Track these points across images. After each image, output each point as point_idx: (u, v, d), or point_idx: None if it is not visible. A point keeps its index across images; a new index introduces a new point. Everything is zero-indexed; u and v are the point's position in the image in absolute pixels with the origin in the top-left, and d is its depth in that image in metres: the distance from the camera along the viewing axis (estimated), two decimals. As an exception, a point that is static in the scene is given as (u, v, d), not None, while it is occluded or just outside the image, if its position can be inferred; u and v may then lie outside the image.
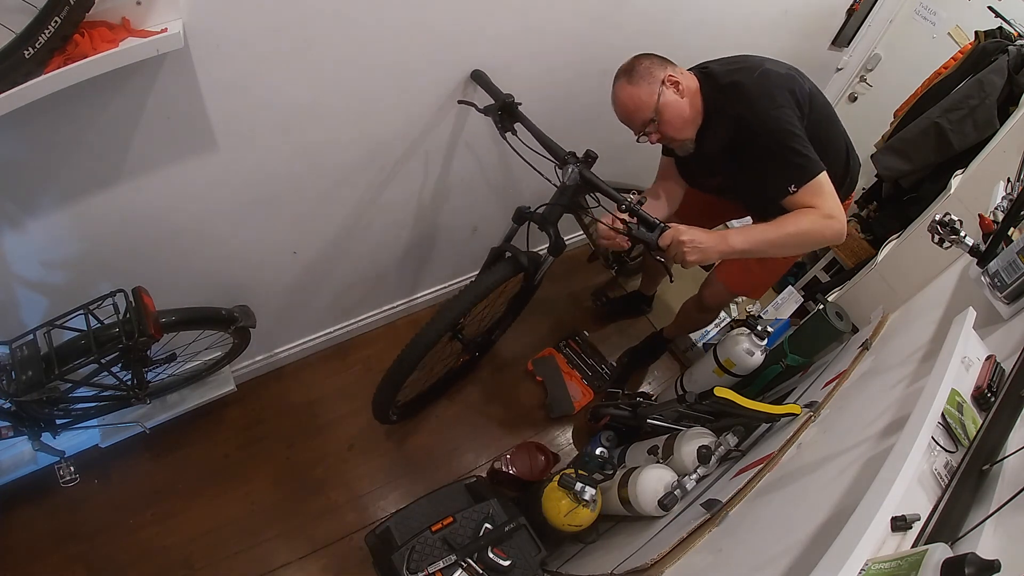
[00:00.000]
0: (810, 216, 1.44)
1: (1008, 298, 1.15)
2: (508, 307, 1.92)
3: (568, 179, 1.55)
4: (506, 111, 1.58)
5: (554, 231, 1.65)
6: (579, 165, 1.54)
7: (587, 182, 1.55)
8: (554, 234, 1.65)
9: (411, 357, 1.64)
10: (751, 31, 2.25)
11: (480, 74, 1.60)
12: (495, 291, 1.72)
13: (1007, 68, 2.01)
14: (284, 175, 1.55)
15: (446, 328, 1.67)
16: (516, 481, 2.01)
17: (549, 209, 1.63)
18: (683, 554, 1.19)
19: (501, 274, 1.67)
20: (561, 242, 1.68)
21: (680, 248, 1.43)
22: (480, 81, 1.61)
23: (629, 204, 1.48)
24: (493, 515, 1.51)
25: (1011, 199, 1.27)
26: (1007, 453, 0.84)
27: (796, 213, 1.45)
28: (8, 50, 0.91)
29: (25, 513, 1.76)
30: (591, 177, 1.55)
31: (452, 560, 1.39)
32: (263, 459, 2.00)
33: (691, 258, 1.43)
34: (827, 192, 1.45)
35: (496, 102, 1.57)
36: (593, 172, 1.56)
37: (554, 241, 1.67)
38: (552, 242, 1.68)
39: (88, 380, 1.43)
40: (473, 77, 1.61)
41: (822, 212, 1.44)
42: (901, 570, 0.66)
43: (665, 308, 2.70)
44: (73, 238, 1.37)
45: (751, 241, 1.47)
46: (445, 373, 2.16)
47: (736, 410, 1.53)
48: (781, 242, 1.46)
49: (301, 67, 1.34)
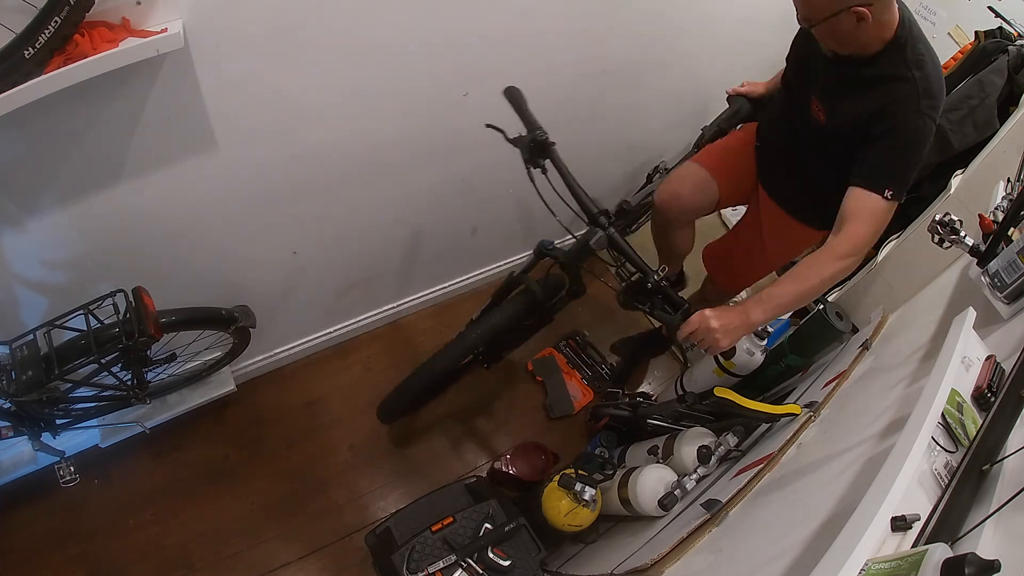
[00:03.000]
0: (834, 264, 1.30)
1: (1008, 298, 1.15)
2: (518, 330, 1.89)
3: (595, 243, 1.41)
4: (538, 148, 1.42)
5: (576, 277, 1.61)
6: (609, 230, 1.41)
7: (615, 246, 1.42)
8: (576, 280, 1.62)
9: (431, 372, 1.68)
10: (751, 31, 2.25)
11: (514, 93, 1.45)
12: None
13: (1007, 68, 2.01)
14: (284, 175, 1.55)
15: (470, 349, 1.68)
16: (516, 481, 2.01)
17: (573, 258, 1.55)
18: (683, 554, 1.19)
19: (517, 309, 1.66)
20: (581, 286, 1.65)
21: (711, 335, 1.30)
22: (513, 101, 1.45)
23: (657, 279, 1.38)
24: (493, 515, 1.51)
25: (1011, 199, 1.26)
26: (1007, 453, 0.84)
27: (823, 258, 1.31)
28: (8, 50, 0.91)
29: (25, 513, 1.76)
30: (621, 243, 1.41)
31: (452, 560, 1.39)
32: (263, 459, 2.00)
33: (723, 344, 1.32)
34: (884, 220, 1.30)
35: (528, 134, 1.43)
36: (623, 239, 1.43)
37: (574, 285, 1.65)
38: (571, 286, 1.65)
39: (88, 380, 1.43)
40: (506, 95, 1.47)
41: (861, 239, 1.29)
42: (901, 570, 0.66)
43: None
44: (73, 238, 1.37)
45: (776, 310, 1.34)
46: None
47: (736, 410, 1.53)
48: (808, 295, 1.35)
49: (301, 67, 1.34)
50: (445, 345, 1.70)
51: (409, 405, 2.03)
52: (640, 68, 2.04)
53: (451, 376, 2.20)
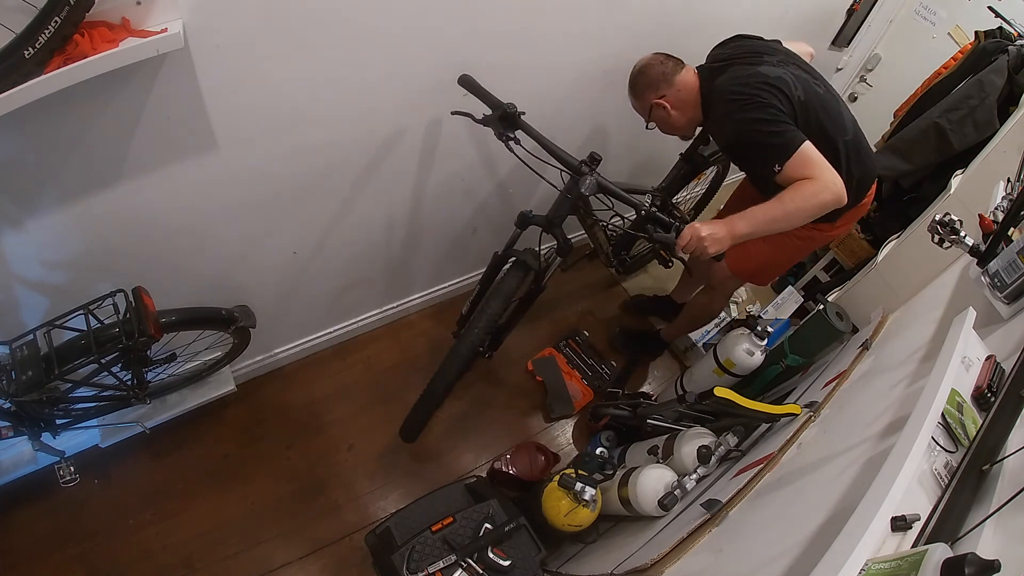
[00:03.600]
0: (804, 186, 1.48)
1: (1008, 298, 1.15)
2: (515, 309, 1.93)
3: (586, 189, 1.52)
4: (507, 120, 1.52)
5: (561, 233, 1.66)
6: (594, 174, 1.53)
7: (604, 189, 1.54)
8: (562, 236, 1.66)
9: (447, 378, 1.67)
10: (752, 31, 2.24)
11: (468, 80, 1.53)
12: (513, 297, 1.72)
13: (1007, 68, 2.01)
14: (284, 175, 1.54)
15: (478, 343, 1.67)
16: (516, 481, 2.01)
17: (555, 212, 1.64)
18: (683, 554, 1.19)
19: (514, 281, 1.68)
20: (568, 243, 1.69)
21: (701, 244, 1.48)
22: (470, 88, 1.53)
23: (646, 208, 1.50)
24: (493, 515, 1.51)
25: (1011, 199, 1.27)
26: (1007, 453, 0.84)
27: (792, 187, 1.49)
28: (8, 50, 0.91)
29: (25, 513, 1.76)
30: (608, 185, 1.54)
31: (452, 560, 1.39)
32: (263, 459, 2.00)
33: (712, 250, 1.49)
34: (814, 161, 1.48)
35: (495, 111, 1.51)
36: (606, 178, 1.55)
37: (562, 243, 1.68)
38: (560, 244, 1.69)
39: (88, 380, 1.43)
40: (461, 83, 1.54)
41: (816, 180, 1.47)
42: (901, 570, 0.66)
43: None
44: (73, 238, 1.37)
45: (754, 222, 1.51)
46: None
47: (736, 410, 1.53)
48: (782, 216, 1.50)
49: (301, 68, 1.34)
50: (451, 347, 1.69)
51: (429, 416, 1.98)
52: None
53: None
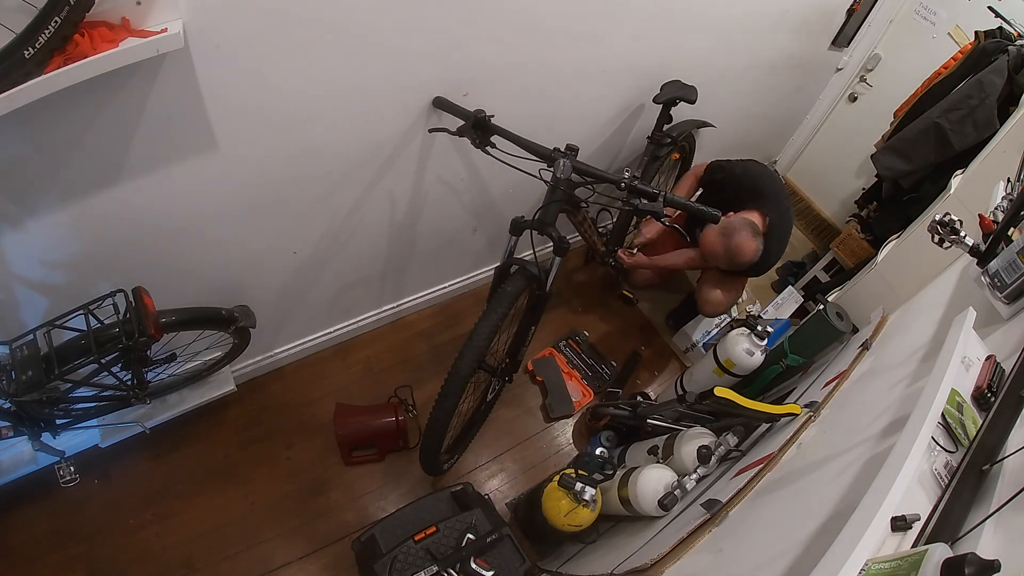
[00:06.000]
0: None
1: (1008, 298, 1.15)
2: (523, 321, 1.87)
3: (561, 172, 1.55)
4: (479, 127, 1.56)
5: (555, 232, 1.63)
6: (568, 157, 1.56)
7: (580, 171, 1.57)
8: (556, 235, 1.64)
9: (449, 399, 1.59)
10: (752, 32, 2.25)
11: (441, 100, 1.60)
12: (514, 308, 1.68)
13: (1007, 68, 2.01)
14: (284, 175, 1.54)
15: (477, 359, 1.60)
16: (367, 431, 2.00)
17: (545, 210, 1.61)
18: (683, 554, 1.20)
19: (515, 288, 1.63)
20: (565, 242, 1.66)
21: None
22: (443, 107, 1.60)
23: (627, 181, 1.52)
24: (476, 525, 1.49)
25: (1011, 199, 1.27)
26: (1007, 453, 0.84)
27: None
28: (8, 50, 0.91)
29: (25, 513, 1.75)
30: (583, 166, 1.56)
31: (434, 571, 1.36)
32: (263, 459, 2.00)
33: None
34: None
35: (467, 121, 1.55)
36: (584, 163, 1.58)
37: (557, 242, 1.65)
38: (556, 243, 1.66)
39: (88, 380, 1.43)
40: (435, 105, 1.60)
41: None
42: (901, 570, 0.66)
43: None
44: (73, 238, 1.37)
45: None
46: (480, 406, 2.11)
47: (736, 410, 1.53)
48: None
49: (301, 67, 1.33)
50: (450, 370, 1.61)
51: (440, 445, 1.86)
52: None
53: (487, 408, 2.16)
